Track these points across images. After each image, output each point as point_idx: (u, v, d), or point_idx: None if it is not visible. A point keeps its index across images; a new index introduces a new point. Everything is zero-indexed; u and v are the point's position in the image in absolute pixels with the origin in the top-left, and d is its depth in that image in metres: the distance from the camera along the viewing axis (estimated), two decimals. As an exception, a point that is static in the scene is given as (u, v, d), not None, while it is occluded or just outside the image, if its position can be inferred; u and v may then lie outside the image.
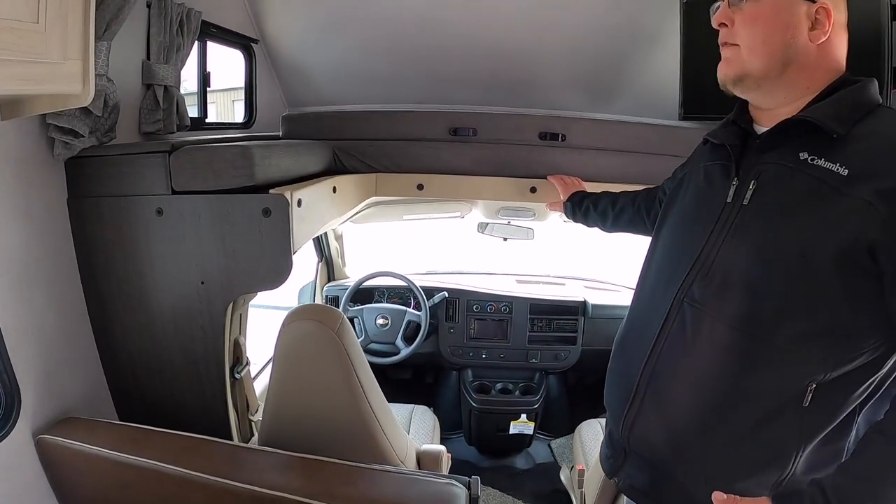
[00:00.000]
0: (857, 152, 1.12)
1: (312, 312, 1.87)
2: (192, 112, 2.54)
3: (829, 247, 1.10)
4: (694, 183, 1.46)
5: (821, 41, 1.21)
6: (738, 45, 1.25)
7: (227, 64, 3.03)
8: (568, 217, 2.32)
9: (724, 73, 1.30)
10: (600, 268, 4.44)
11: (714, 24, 1.30)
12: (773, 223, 1.19)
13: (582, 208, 2.24)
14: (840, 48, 1.26)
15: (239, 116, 3.36)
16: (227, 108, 3.22)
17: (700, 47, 2.67)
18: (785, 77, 1.23)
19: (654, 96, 3.20)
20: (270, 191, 1.80)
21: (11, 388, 1.67)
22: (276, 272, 1.83)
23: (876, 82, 1.25)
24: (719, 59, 1.34)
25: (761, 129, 1.33)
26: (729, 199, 1.29)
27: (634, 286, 1.56)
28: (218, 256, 1.83)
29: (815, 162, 1.15)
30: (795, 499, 1.10)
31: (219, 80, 2.94)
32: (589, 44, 3.07)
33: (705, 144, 1.50)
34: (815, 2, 1.19)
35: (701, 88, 2.71)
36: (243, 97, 3.31)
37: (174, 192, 1.81)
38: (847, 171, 1.10)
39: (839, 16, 1.22)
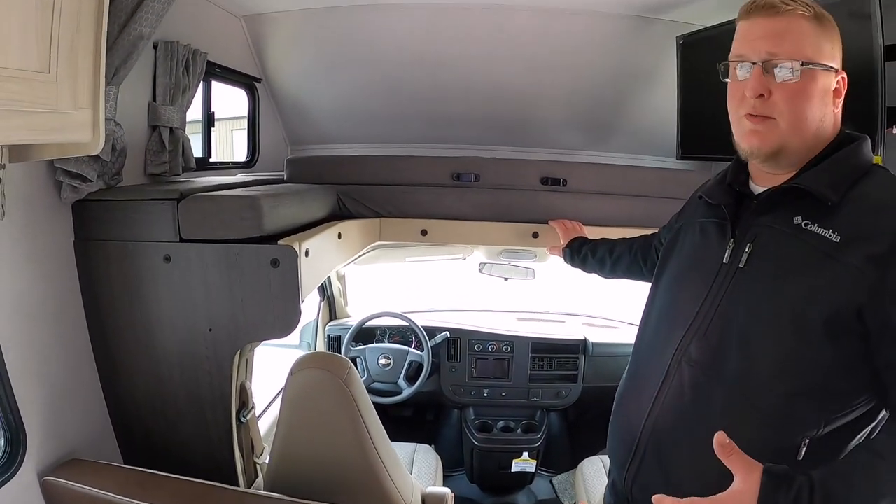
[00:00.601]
0: (849, 218, 1.14)
1: (320, 361, 1.86)
2: (195, 144, 2.56)
3: (822, 310, 1.11)
4: (690, 238, 1.47)
5: (839, 108, 1.24)
6: (774, 118, 1.21)
7: (225, 93, 3.06)
8: (566, 262, 2.33)
9: (757, 146, 1.24)
10: (599, 302, 4.42)
11: (749, 94, 1.21)
12: (768, 287, 1.21)
13: (580, 255, 2.25)
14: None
15: (238, 146, 3.40)
16: (226, 137, 3.25)
17: (697, 87, 2.71)
18: (809, 146, 1.24)
19: (653, 134, 3.24)
20: (279, 242, 1.80)
21: (17, 429, 1.65)
22: (285, 322, 1.83)
23: (869, 141, 1.27)
24: (716, 98, 1.35)
25: (757, 188, 1.34)
26: (725, 261, 1.30)
27: (633, 322, 1.57)
28: (226, 305, 1.82)
29: (808, 227, 1.17)
30: (784, 483, 1.09)
31: (218, 110, 2.98)
32: (588, 83, 3.11)
33: (700, 200, 1.51)
34: (838, 72, 1.21)
35: (698, 128, 2.75)
36: (244, 128, 3.35)
37: (182, 240, 1.81)
38: (839, 237, 1.12)
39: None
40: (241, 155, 3.39)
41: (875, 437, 1.18)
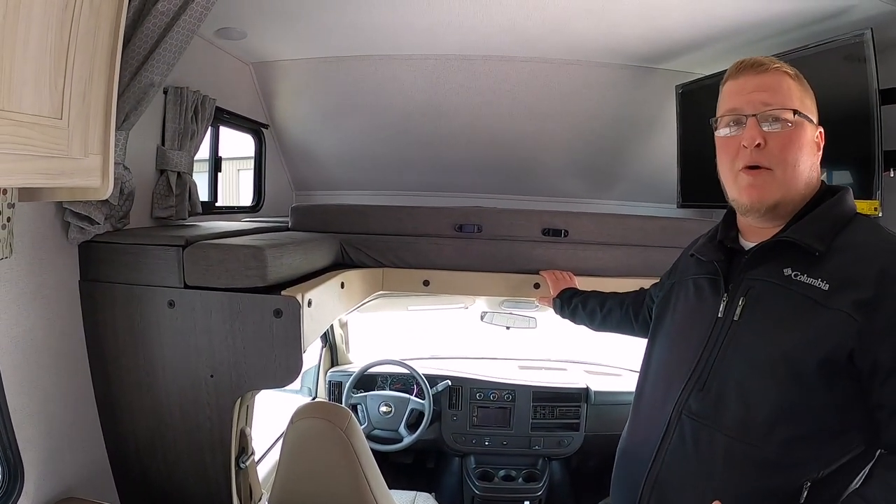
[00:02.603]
0: (837, 266, 1.17)
1: (321, 410, 1.86)
2: (202, 185, 2.59)
3: (816, 356, 1.13)
4: (684, 294, 1.50)
5: (818, 161, 1.28)
6: (770, 169, 1.24)
7: (232, 134, 3.14)
8: (556, 313, 2.33)
9: (757, 199, 1.25)
10: (601, 349, 4.40)
11: (747, 144, 1.24)
12: (762, 337, 1.23)
13: (570, 306, 2.25)
14: None
15: (244, 185, 3.44)
16: (232, 177, 3.29)
17: (697, 135, 2.76)
18: (802, 196, 1.27)
19: (653, 182, 3.28)
20: (282, 292, 1.81)
21: (15, 465, 1.65)
22: (286, 371, 1.83)
23: (851, 192, 1.31)
24: (716, 147, 1.37)
25: (747, 243, 1.37)
26: (720, 315, 1.32)
27: (636, 369, 1.57)
28: (228, 352, 1.82)
29: (798, 278, 1.19)
30: None
31: (225, 150, 3.04)
32: (588, 132, 3.17)
33: (692, 257, 1.53)
34: (817, 126, 1.27)
35: (698, 176, 2.79)
36: (250, 168, 3.41)
37: (186, 286, 1.82)
38: (828, 285, 1.15)
39: None
40: (246, 195, 3.44)
41: (865, 480, 1.18)
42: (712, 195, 1.53)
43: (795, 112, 1.22)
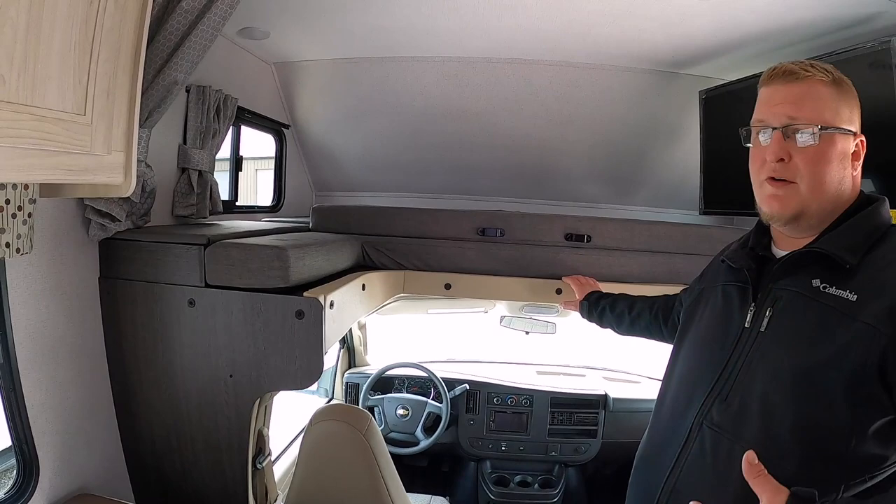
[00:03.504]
0: (867, 278, 1.14)
1: (341, 413, 1.86)
2: (222, 184, 2.59)
3: (841, 372, 1.10)
4: (712, 301, 1.47)
5: (857, 171, 1.24)
6: (795, 182, 1.22)
7: (252, 134, 3.15)
8: (583, 316, 2.30)
9: (778, 210, 1.25)
10: (621, 356, 4.37)
11: (770, 159, 1.23)
12: (787, 351, 1.20)
13: (598, 309, 2.22)
14: None
15: (263, 186, 3.44)
16: (251, 176, 3.30)
17: (720, 141, 2.73)
18: (829, 209, 1.24)
19: (676, 188, 3.25)
20: (305, 293, 1.79)
21: (31, 459, 1.66)
22: (307, 372, 1.81)
23: (887, 202, 1.27)
24: (739, 153, 1.35)
25: (779, 252, 1.34)
26: (747, 325, 1.29)
27: (655, 377, 1.54)
28: (248, 352, 1.81)
29: (826, 290, 1.17)
30: None
31: (245, 150, 3.04)
32: (611, 136, 3.14)
33: (723, 263, 1.50)
34: (856, 135, 1.22)
35: (721, 183, 2.76)
36: (269, 168, 3.42)
37: (207, 285, 1.81)
38: (856, 297, 1.12)
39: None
40: (265, 195, 3.45)
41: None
42: (735, 202, 1.50)
43: (824, 127, 1.18)
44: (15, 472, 1.67)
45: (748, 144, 1.30)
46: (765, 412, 1.19)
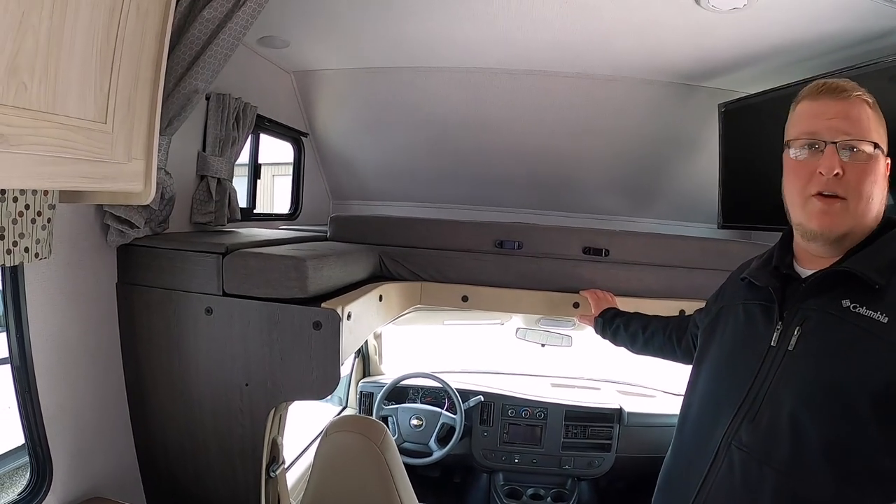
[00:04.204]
0: None
1: (356, 424, 1.86)
2: (240, 190, 2.60)
3: (869, 391, 1.08)
4: (733, 320, 1.44)
5: (885, 192, 1.23)
6: (845, 199, 1.19)
7: (270, 140, 3.15)
8: (597, 332, 2.28)
9: (828, 227, 1.21)
10: (636, 369, 4.33)
11: (824, 172, 1.19)
12: (817, 370, 1.18)
13: (612, 326, 2.20)
14: None
15: (279, 191, 3.45)
16: (268, 182, 3.31)
17: (739, 154, 2.71)
18: (869, 228, 1.23)
19: (694, 201, 3.23)
20: (322, 305, 1.79)
21: (44, 462, 1.66)
22: (323, 383, 1.80)
23: None
24: (758, 167, 1.33)
25: (803, 270, 1.32)
26: (773, 343, 1.26)
27: (671, 391, 1.51)
28: (265, 362, 1.81)
29: (857, 310, 1.15)
30: None
31: (261, 155, 3.05)
32: (630, 148, 3.13)
33: (742, 281, 1.48)
34: (888, 157, 1.22)
35: (740, 197, 2.73)
36: (285, 174, 3.43)
37: (225, 294, 1.82)
38: (887, 318, 1.10)
39: None
40: (281, 201, 3.46)
41: None
42: (754, 216, 1.46)
43: (875, 145, 1.18)
44: (28, 473, 1.67)
45: (797, 154, 1.26)
46: (794, 433, 1.17)
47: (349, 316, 1.84)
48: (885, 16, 1.97)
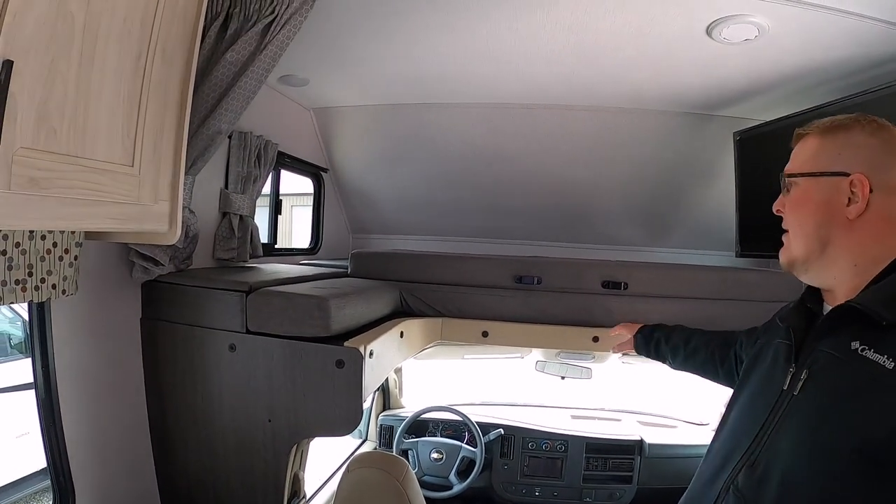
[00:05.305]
0: None
1: (378, 461, 1.86)
2: (261, 223, 2.64)
3: (863, 442, 1.01)
4: (762, 358, 1.40)
5: (860, 214, 1.16)
6: (787, 231, 1.27)
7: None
8: (638, 351, 2.23)
9: (781, 259, 1.31)
10: (657, 399, 4.28)
11: (775, 212, 1.31)
12: (814, 417, 1.12)
13: (653, 340, 2.15)
14: None
15: (298, 222, 3.48)
16: (286, 212, 3.35)
17: (755, 182, 2.70)
18: (826, 257, 1.20)
19: (711, 230, 3.23)
20: (345, 343, 1.80)
21: (67, 492, 1.69)
22: (346, 421, 1.81)
23: None
24: (775, 195, 1.33)
25: (827, 307, 1.26)
26: (785, 387, 1.22)
27: (692, 421, 1.49)
28: (287, 398, 1.82)
29: (864, 353, 1.07)
30: None
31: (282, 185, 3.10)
32: (646, 178, 3.14)
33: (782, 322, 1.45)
34: (848, 175, 1.16)
35: (757, 225, 2.71)
36: (304, 205, 3.48)
37: (248, 332, 1.83)
38: (893, 363, 1.02)
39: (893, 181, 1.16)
40: (300, 232, 3.49)
41: None
42: (772, 244, 1.45)
43: (795, 175, 1.25)
44: (51, 500, 1.70)
45: None
46: (783, 482, 1.13)
47: (371, 354, 1.85)
48: (893, 41, 1.99)
